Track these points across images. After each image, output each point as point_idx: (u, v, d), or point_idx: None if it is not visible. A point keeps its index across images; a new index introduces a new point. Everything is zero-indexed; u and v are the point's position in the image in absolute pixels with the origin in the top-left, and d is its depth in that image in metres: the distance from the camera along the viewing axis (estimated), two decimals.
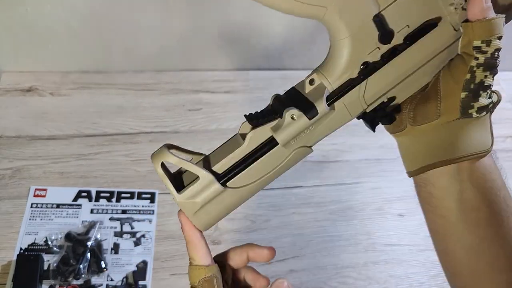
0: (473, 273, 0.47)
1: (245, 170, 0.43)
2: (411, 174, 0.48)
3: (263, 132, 0.42)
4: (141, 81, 1.22)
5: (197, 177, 0.43)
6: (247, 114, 0.43)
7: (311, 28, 1.20)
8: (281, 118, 0.42)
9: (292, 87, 0.44)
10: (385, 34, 0.41)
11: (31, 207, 0.96)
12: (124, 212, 0.98)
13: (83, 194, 0.99)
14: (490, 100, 0.44)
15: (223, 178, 0.43)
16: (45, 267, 0.88)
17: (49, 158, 1.04)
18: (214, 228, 0.97)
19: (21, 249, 0.90)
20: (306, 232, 0.99)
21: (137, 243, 0.94)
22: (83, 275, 0.87)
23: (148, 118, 1.15)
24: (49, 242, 0.91)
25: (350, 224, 1.01)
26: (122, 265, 0.91)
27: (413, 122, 0.46)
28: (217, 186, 0.42)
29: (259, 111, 0.44)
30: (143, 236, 0.95)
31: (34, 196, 0.97)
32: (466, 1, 0.42)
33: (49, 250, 0.90)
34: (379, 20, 0.40)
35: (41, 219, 0.94)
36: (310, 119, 0.42)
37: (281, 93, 0.45)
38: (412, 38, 0.42)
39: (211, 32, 1.20)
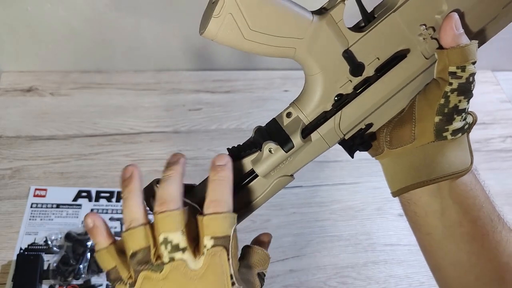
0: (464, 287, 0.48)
1: None
2: (393, 194, 0.49)
3: (244, 165, 0.45)
4: (142, 81, 1.22)
5: None
6: (230, 147, 0.45)
7: None
8: (261, 151, 0.44)
9: (273, 119, 0.46)
10: (355, 68, 0.43)
11: (31, 207, 0.96)
12: None
13: (83, 194, 0.99)
14: (464, 122, 0.45)
15: None
16: (45, 267, 0.88)
17: (49, 158, 1.04)
18: None
19: (21, 249, 0.90)
20: (306, 232, 0.99)
21: None
22: (83, 275, 0.87)
23: (148, 118, 1.15)
24: (49, 242, 0.91)
25: (350, 224, 1.01)
26: None
27: (390, 146, 0.47)
28: None
29: (241, 144, 0.46)
30: None
31: (34, 196, 0.97)
32: (435, 31, 0.44)
33: (49, 250, 0.90)
34: (348, 56, 0.42)
35: (41, 219, 0.94)
36: (286, 152, 0.44)
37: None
38: (383, 69, 0.44)
39: None
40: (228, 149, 0.46)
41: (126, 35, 1.17)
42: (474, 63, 0.42)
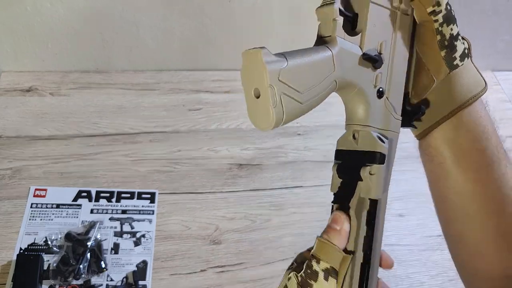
0: (466, 218, 0.51)
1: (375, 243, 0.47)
2: (418, 136, 0.52)
3: (360, 202, 0.47)
4: (141, 81, 1.22)
5: None
6: (333, 200, 0.49)
7: (313, 27, 1.20)
8: (362, 180, 0.46)
9: (338, 150, 0.49)
10: (377, 61, 0.46)
11: (31, 207, 0.96)
12: (124, 212, 0.98)
13: (83, 194, 0.99)
14: (464, 46, 0.49)
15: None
16: (45, 267, 0.88)
17: (49, 158, 1.04)
18: (215, 228, 0.97)
19: (21, 249, 0.90)
20: (307, 232, 0.99)
21: (137, 243, 0.94)
22: (83, 275, 0.87)
23: (148, 118, 1.15)
24: (49, 242, 0.91)
25: None
26: (122, 265, 0.91)
27: (418, 97, 0.50)
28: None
29: (337, 191, 0.49)
30: (143, 236, 0.95)
31: (34, 196, 0.97)
32: None
33: (49, 250, 0.90)
34: (368, 56, 0.45)
35: (41, 219, 0.94)
36: (383, 163, 0.46)
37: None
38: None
39: (211, 32, 1.20)
40: (333, 202, 0.48)
41: (126, 34, 1.17)
42: None
